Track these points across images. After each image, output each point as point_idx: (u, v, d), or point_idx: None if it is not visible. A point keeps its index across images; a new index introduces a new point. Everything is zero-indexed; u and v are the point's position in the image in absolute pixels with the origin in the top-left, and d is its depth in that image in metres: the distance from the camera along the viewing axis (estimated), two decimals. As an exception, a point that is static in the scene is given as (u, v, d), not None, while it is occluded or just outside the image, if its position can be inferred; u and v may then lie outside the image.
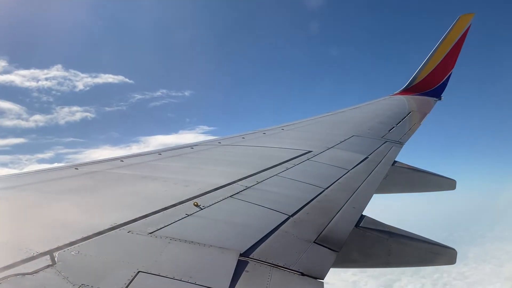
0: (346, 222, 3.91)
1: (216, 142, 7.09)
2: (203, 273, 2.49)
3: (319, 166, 5.72)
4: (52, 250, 2.47)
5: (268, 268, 2.73)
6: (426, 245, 4.84)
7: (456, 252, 4.95)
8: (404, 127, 9.71)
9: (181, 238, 2.89)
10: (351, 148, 7.07)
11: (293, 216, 3.71)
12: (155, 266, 2.46)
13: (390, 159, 6.83)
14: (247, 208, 3.77)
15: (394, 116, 10.78)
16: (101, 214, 3.28)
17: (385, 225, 4.58)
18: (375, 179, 5.50)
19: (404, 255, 4.60)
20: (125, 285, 2.20)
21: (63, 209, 3.42)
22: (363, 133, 8.48)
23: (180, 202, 3.62)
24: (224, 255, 2.76)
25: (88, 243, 2.64)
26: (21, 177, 4.46)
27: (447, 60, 13.38)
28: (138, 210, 3.31)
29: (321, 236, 3.43)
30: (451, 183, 7.91)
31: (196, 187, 4.12)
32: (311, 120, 10.31)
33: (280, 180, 4.79)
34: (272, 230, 3.31)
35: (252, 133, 8.20)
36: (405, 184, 7.28)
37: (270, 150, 6.66)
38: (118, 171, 4.83)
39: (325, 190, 4.60)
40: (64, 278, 2.18)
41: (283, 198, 4.24)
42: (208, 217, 3.42)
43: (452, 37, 13.11)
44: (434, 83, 13.75)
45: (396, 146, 7.82)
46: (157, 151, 6.12)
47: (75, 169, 4.82)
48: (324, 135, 8.38)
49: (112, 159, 5.46)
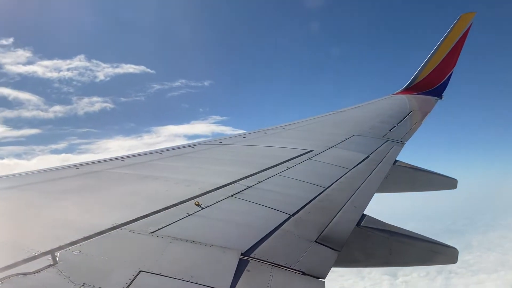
0: (347, 222, 3.90)
1: (217, 142, 7.10)
2: (204, 273, 2.49)
3: (320, 166, 5.72)
4: (53, 250, 2.47)
5: (269, 268, 2.73)
6: (427, 244, 4.84)
7: (458, 251, 4.95)
8: (405, 126, 9.70)
9: (182, 238, 2.89)
10: (352, 148, 7.07)
11: (294, 215, 3.70)
12: (157, 266, 2.46)
13: (391, 158, 6.82)
14: (248, 207, 3.77)
15: (395, 115, 10.78)
16: (102, 214, 3.28)
17: (386, 224, 4.57)
18: (376, 178, 5.50)
19: (405, 254, 4.59)
20: (126, 285, 2.20)
21: (64, 208, 3.42)
22: (364, 133, 8.47)
23: (181, 202, 3.62)
24: (225, 255, 2.76)
25: (89, 243, 2.65)
26: (22, 177, 4.46)
27: (448, 59, 13.37)
28: (139, 209, 3.31)
29: (322, 235, 3.43)
30: (452, 182, 7.91)
31: (197, 186, 4.12)
32: (312, 119, 10.31)
33: (281, 179, 4.79)
34: (273, 229, 3.31)
35: (253, 133, 8.20)
36: (406, 183, 7.28)
37: (271, 149, 6.66)
38: (119, 171, 4.83)
39: (326, 189, 4.59)
40: (65, 278, 2.19)
41: (284, 197, 4.24)
42: (209, 216, 3.43)
43: (453, 36, 13.10)
44: (435, 82, 13.74)
45: (397, 145, 7.81)
46: (158, 150, 6.13)
47: (76, 168, 4.82)
48: (325, 135, 8.38)
49: (113, 158, 5.47)
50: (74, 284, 2.13)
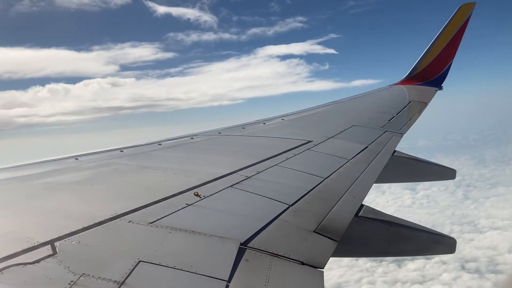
0: (346, 212, 3.92)
1: (216, 132, 7.09)
2: (203, 262, 2.50)
3: (319, 156, 5.72)
4: (53, 240, 2.48)
5: (268, 257, 2.75)
6: (425, 234, 4.86)
7: (456, 241, 4.97)
8: (404, 117, 9.70)
9: (181, 228, 2.89)
10: (351, 138, 7.06)
11: (293, 205, 3.71)
12: (156, 256, 2.47)
13: (390, 148, 6.82)
14: (247, 197, 3.78)
15: (394, 106, 10.76)
16: (101, 204, 3.29)
17: (385, 214, 4.59)
18: (375, 168, 5.50)
19: (403, 244, 4.62)
20: (126, 275, 2.21)
21: (64, 199, 3.42)
22: (363, 123, 8.47)
23: (181, 192, 3.62)
24: (224, 244, 2.77)
25: (89, 233, 2.65)
26: (21, 168, 4.46)
27: (448, 49, 13.32)
28: (138, 200, 3.32)
29: (321, 225, 3.44)
30: (451, 172, 7.93)
31: (196, 177, 4.13)
32: (311, 110, 10.29)
33: (280, 170, 4.80)
34: (272, 219, 3.32)
35: (252, 123, 8.20)
36: (405, 174, 7.30)
37: (270, 140, 6.66)
38: (118, 161, 4.83)
39: (325, 179, 4.60)
40: (65, 268, 2.19)
41: (283, 187, 4.25)
42: (208, 206, 3.43)
43: (453, 26, 13.02)
44: (435, 72, 13.71)
45: (396, 135, 7.81)
46: (157, 141, 6.12)
47: (75, 159, 4.82)
48: (324, 125, 8.37)
49: (112, 149, 5.46)
50: (73, 274, 2.14)
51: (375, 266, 50.92)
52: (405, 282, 48.07)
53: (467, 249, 55.21)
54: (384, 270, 50.44)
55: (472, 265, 51.00)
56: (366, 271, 50.29)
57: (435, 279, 48.24)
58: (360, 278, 49.31)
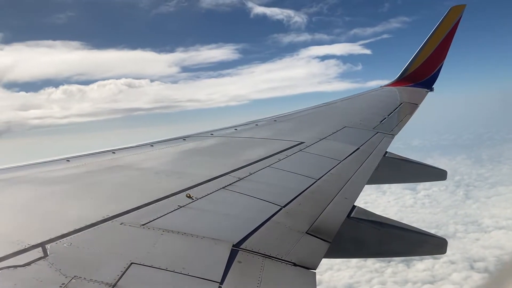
0: (338, 213, 3.94)
1: (208, 134, 7.08)
2: (196, 264, 2.50)
3: (311, 157, 5.74)
4: (44, 242, 2.46)
5: (260, 259, 2.75)
6: (417, 235, 4.89)
7: (447, 241, 5.01)
8: (395, 118, 9.77)
9: (173, 230, 2.89)
10: (343, 139, 7.10)
11: (286, 207, 3.72)
12: (148, 258, 2.46)
13: (381, 150, 6.87)
14: (240, 199, 3.78)
15: (385, 107, 10.83)
16: (93, 206, 3.27)
17: (377, 215, 4.62)
18: (366, 169, 5.54)
19: (395, 245, 4.65)
20: (117, 277, 2.20)
21: (55, 201, 3.40)
22: (355, 124, 8.51)
23: (173, 194, 3.62)
24: (216, 246, 2.77)
25: (80, 235, 2.64)
26: (12, 170, 4.42)
27: (439, 51, 13.44)
28: (130, 202, 3.30)
29: (313, 226, 3.46)
30: (442, 173, 7.99)
31: (189, 178, 4.12)
32: (303, 111, 10.32)
33: (272, 171, 4.81)
34: (265, 221, 3.33)
35: (244, 125, 8.20)
36: (396, 175, 7.35)
37: (262, 141, 6.67)
38: (110, 163, 4.81)
39: (317, 181, 4.62)
40: (56, 270, 2.18)
41: (275, 189, 4.26)
42: (200, 208, 3.43)
43: (444, 28, 13.15)
44: (425, 74, 13.82)
45: (388, 137, 7.86)
46: (149, 143, 6.10)
47: (66, 161, 4.79)
48: (316, 126, 8.40)
49: (104, 151, 5.43)
50: (65, 277, 2.13)
51: (384, 267, 50.96)
52: (416, 282, 48.05)
53: (474, 249, 55.26)
54: (394, 270, 50.42)
55: (480, 264, 51.06)
56: (375, 272, 50.33)
57: (445, 279, 48.33)
58: (370, 278, 49.28)
